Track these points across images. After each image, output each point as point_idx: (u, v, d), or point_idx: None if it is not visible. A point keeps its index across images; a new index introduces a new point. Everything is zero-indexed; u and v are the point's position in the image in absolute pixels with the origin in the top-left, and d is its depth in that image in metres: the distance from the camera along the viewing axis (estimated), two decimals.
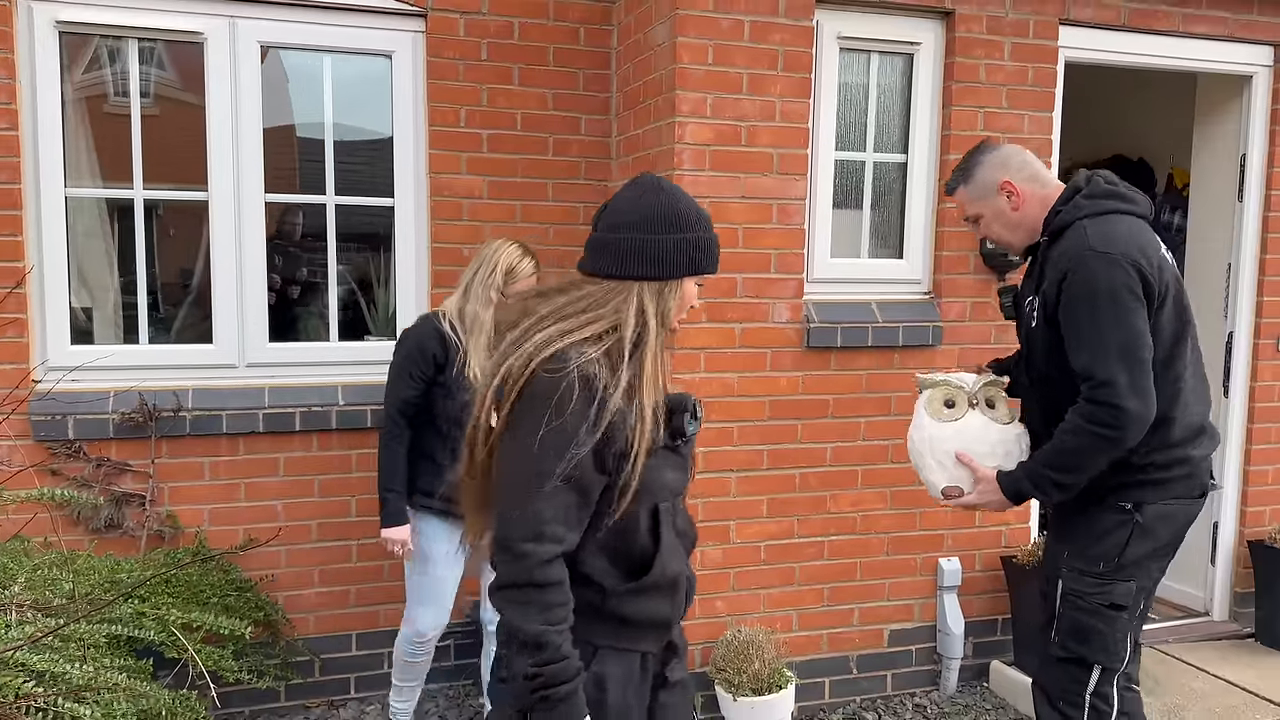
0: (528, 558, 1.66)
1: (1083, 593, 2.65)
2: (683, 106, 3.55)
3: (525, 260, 3.27)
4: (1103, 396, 2.45)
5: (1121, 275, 2.48)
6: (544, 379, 1.68)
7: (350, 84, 4.04)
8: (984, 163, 2.73)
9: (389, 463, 3.27)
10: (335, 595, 4.08)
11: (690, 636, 3.73)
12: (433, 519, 3.33)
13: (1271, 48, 4.24)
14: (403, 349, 3.29)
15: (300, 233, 4.14)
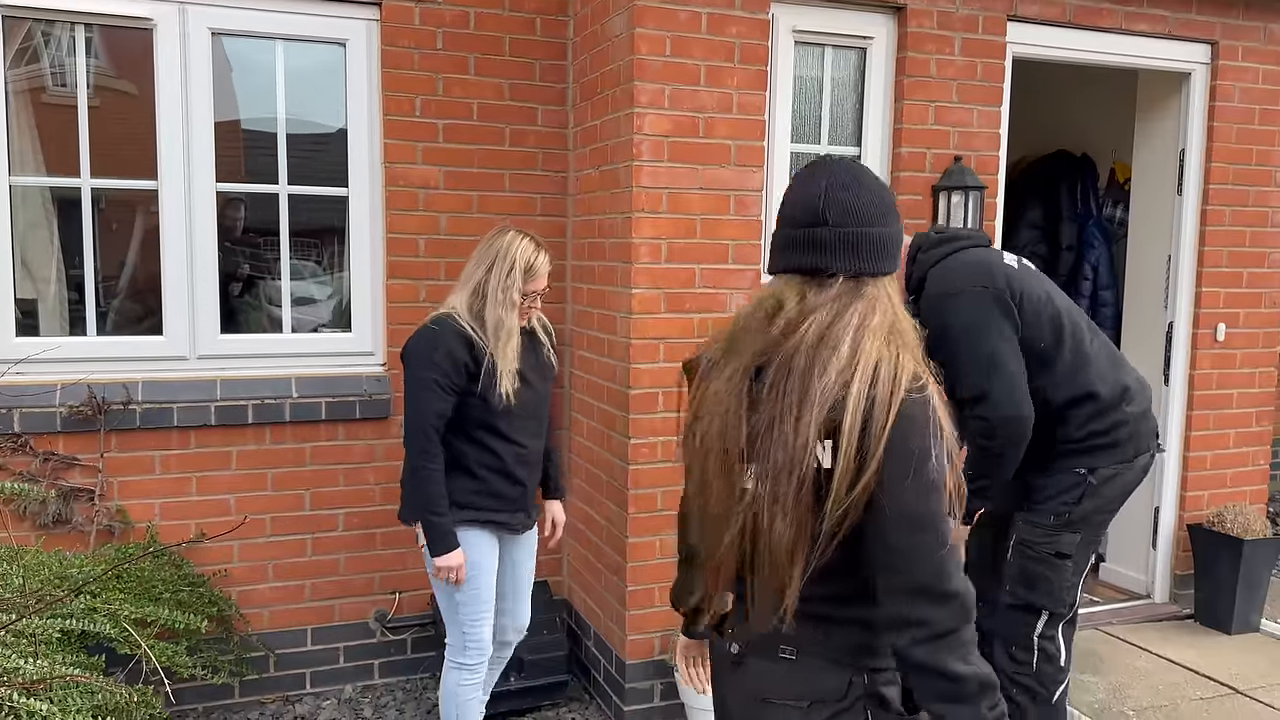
0: (964, 595, 1.52)
1: (1032, 542, 2.99)
2: (641, 98, 3.56)
3: (541, 255, 3.05)
4: (976, 412, 2.82)
5: (968, 307, 2.85)
6: (914, 403, 1.52)
7: (304, 75, 3.99)
8: None
9: (429, 486, 2.92)
10: (290, 590, 4.04)
11: (650, 624, 3.77)
12: (473, 531, 3.05)
13: (1209, 45, 4.37)
14: (426, 358, 2.91)
15: (243, 227, 4.08)
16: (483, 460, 3.02)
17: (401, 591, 4.16)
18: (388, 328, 4.06)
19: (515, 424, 3.04)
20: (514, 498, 3.09)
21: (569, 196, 4.26)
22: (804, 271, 1.61)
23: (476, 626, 3.09)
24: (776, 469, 1.53)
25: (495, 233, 3.08)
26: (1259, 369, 4.62)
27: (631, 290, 3.62)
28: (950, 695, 1.52)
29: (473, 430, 2.99)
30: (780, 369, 1.56)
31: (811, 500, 1.53)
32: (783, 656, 1.67)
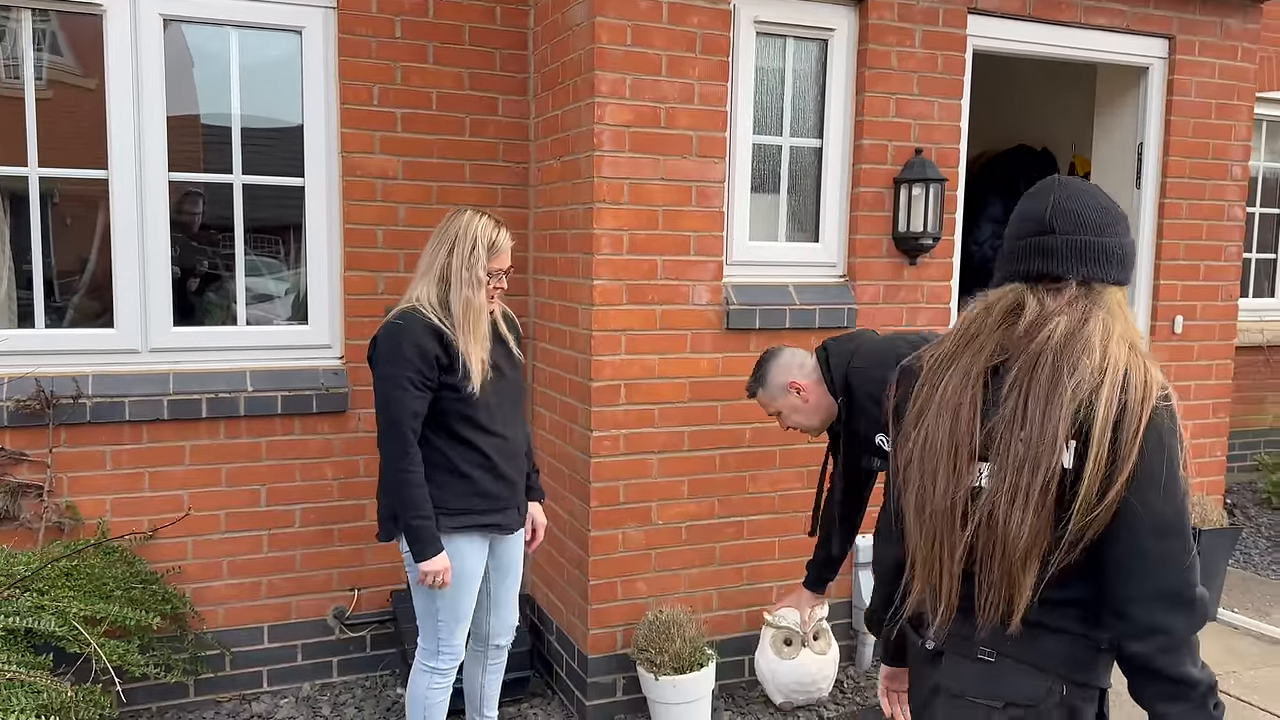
0: (1202, 601, 1.56)
1: None
2: (602, 87, 3.53)
3: (502, 231, 2.93)
4: None
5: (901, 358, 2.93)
6: (1164, 411, 1.54)
7: (261, 65, 3.92)
8: (771, 369, 3.23)
9: (410, 488, 2.78)
10: (245, 587, 3.97)
11: (612, 618, 3.75)
12: (460, 536, 2.91)
13: (1166, 40, 4.41)
14: (395, 355, 2.78)
15: (200, 221, 4.00)
16: (467, 457, 2.88)
17: (360, 588, 4.11)
18: (345, 320, 4.00)
19: (495, 414, 2.93)
20: (504, 495, 2.97)
21: (530, 188, 4.22)
22: (1031, 278, 1.66)
23: (452, 634, 2.99)
24: (1019, 466, 1.54)
25: (451, 215, 2.96)
26: (1216, 361, 4.67)
27: (593, 282, 3.59)
28: (1181, 697, 1.55)
29: (454, 426, 2.86)
30: (1025, 368, 1.58)
31: (1054, 502, 1.53)
32: (981, 659, 1.68)
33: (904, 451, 1.73)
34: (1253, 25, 4.54)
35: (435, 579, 2.84)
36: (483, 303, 2.88)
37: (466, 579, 2.95)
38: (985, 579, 1.60)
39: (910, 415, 1.73)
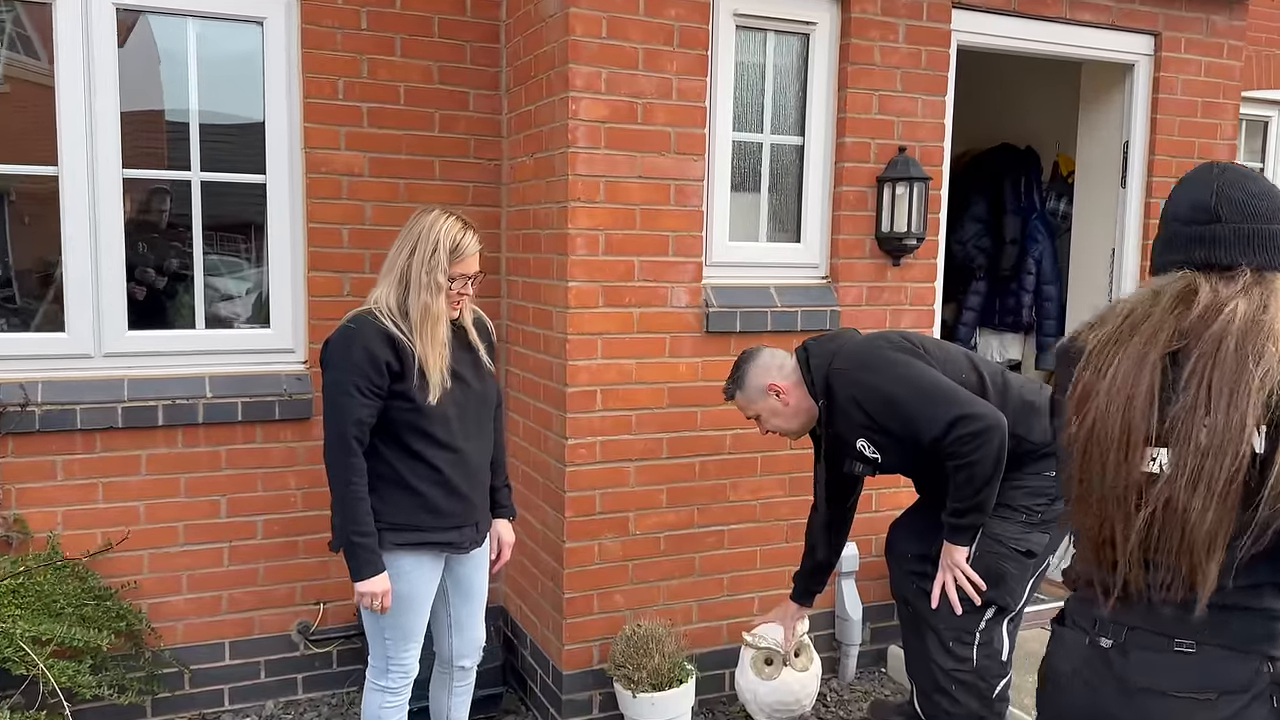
0: None
1: (1005, 537, 2.92)
2: (576, 81, 3.40)
3: (468, 234, 2.76)
4: (957, 435, 2.76)
5: (886, 367, 2.91)
6: None
7: (219, 58, 3.75)
8: (750, 371, 3.13)
9: (351, 502, 2.62)
10: (205, 601, 3.80)
11: (588, 632, 3.61)
12: (407, 556, 2.74)
13: (1152, 37, 4.33)
14: (343, 360, 2.63)
15: (166, 219, 3.84)
16: (417, 471, 2.71)
17: (326, 602, 3.95)
18: (309, 323, 3.84)
19: (453, 427, 2.75)
20: (457, 512, 2.79)
21: (503, 185, 4.08)
22: (1199, 266, 1.65)
23: (402, 651, 2.84)
24: (1202, 452, 1.52)
25: (417, 213, 2.79)
26: None
27: (568, 283, 3.45)
28: None
29: (405, 437, 2.70)
30: (1206, 354, 1.56)
31: (1241, 488, 1.51)
32: (1179, 650, 1.62)
33: (1066, 435, 1.70)
34: (1238, 22, 4.47)
35: (373, 601, 2.67)
36: (442, 309, 2.71)
37: (408, 600, 2.77)
38: (1165, 565, 1.58)
39: (1072, 400, 1.70)
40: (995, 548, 2.93)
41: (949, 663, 2.97)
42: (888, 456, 3.01)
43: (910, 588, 3.16)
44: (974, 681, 2.97)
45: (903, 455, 2.99)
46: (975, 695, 2.97)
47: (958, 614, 2.94)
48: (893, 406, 2.88)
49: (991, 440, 2.76)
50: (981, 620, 2.94)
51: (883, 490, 4.00)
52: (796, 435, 3.22)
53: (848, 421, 2.99)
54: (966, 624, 2.95)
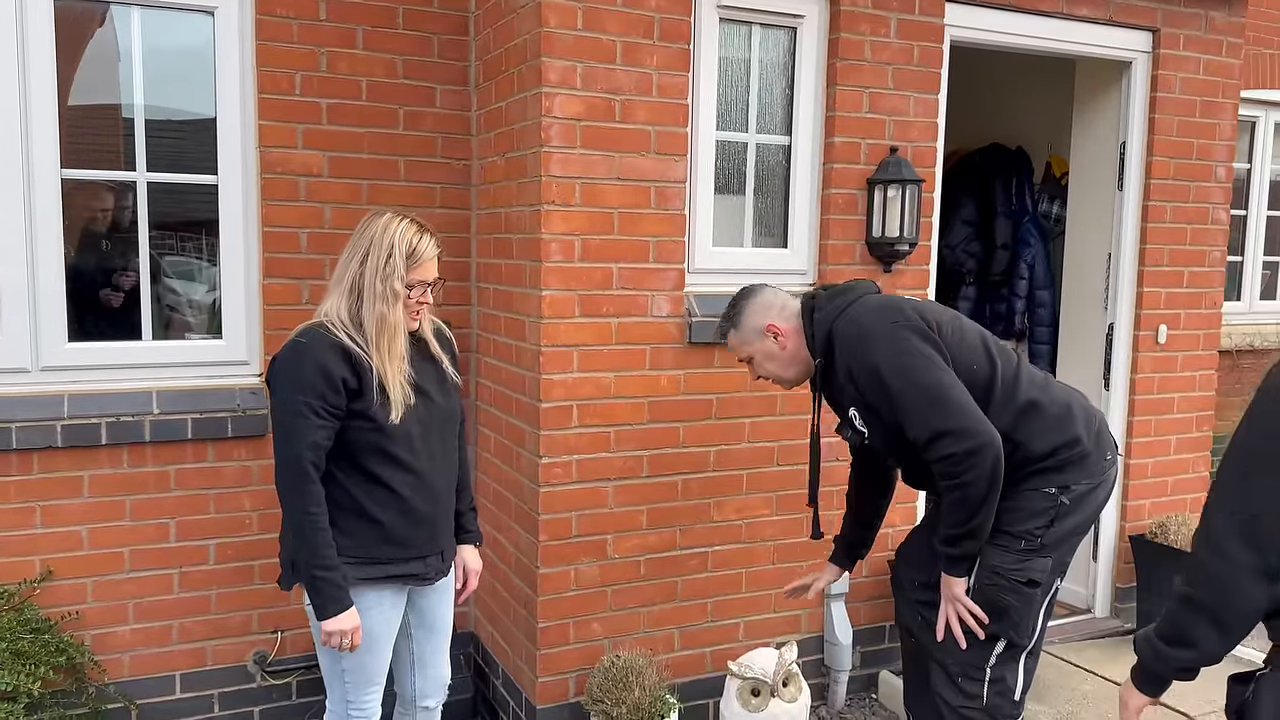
0: None
1: (1000, 568, 2.68)
2: (550, 75, 3.18)
3: (425, 238, 2.53)
4: (940, 452, 2.54)
5: (890, 348, 2.63)
6: None
7: (169, 51, 3.49)
8: (748, 308, 2.87)
9: (312, 534, 2.39)
10: (154, 631, 3.55)
11: (563, 664, 3.39)
12: (368, 591, 2.52)
13: (1150, 33, 4.16)
14: (294, 378, 2.40)
15: (114, 221, 3.59)
16: (376, 497, 2.49)
17: (284, 630, 3.70)
18: (264, 333, 3.60)
19: (416, 448, 2.53)
20: (420, 541, 2.57)
21: (472, 187, 3.85)
22: None
23: (363, 696, 2.61)
24: None
25: (367, 218, 2.56)
26: (1199, 371, 4.44)
27: (541, 292, 3.23)
28: None
29: (364, 461, 2.47)
30: None
31: None
32: None
33: None
34: (1237, 19, 4.31)
35: (342, 640, 2.44)
36: (400, 319, 2.48)
37: (374, 639, 2.55)
38: None
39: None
40: (993, 579, 2.69)
41: (957, 699, 2.75)
42: (874, 437, 2.77)
43: (915, 619, 2.96)
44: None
45: (887, 441, 2.76)
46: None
47: (964, 648, 2.74)
48: (884, 393, 2.63)
49: (984, 460, 2.53)
50: (992, 655, 2.72)
51: None
52: (790, 385, 2.95)
53: (840, 387, 2.77)
54: (976, 659, 2.73)
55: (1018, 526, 2.68)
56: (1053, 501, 2.68)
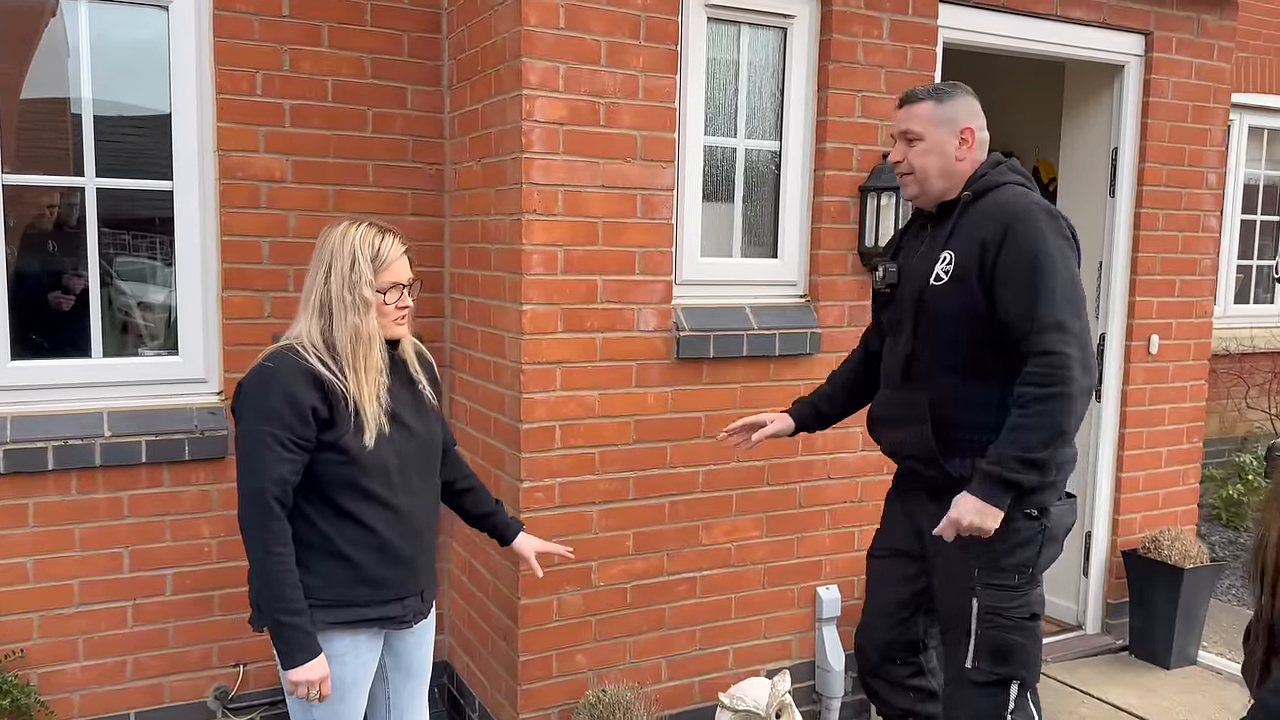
0: None
1: (1002, 608, 2.53)
2: (530, 77, 2.99)
3: (388, 239, 2.32)
4: (1058, 346, 2.34)
5: (1053, 228, 2.46)
6: None
7: (120, 49, 3.26)
8: (960, 98, 2.63)
9: (276, 575, 2.19)
10: (106, 668, 3.32)
11: (545, 699, 3.21)
12: (342, 636, 2.32)
13: (1143, 36, 4.06)
14: (260, 406, 2.21)
15: (57, 217, 3.35)
16: (350, 535, 2.28)
17: (246, 663, 3.49)
18: (223, 349, 3.38)
19: (393, 482, 2.32)
20: (397, 582, 2.36)
21: (446, 193, 3.65)
22: None
23: None
24: None
25: (324, 231, 2.35)
26: (1190, 382, 4.36)
27: (522, 306, 3.05)
28: None
29: (336, 496, 2.26)
30: None
31: None
32: None
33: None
34: (1229, 23, 4.23)
35: (309, 691, 2.23)
36: (374, 329, 2.28)
37: (347, 689, 2.35)
38: None
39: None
40: (996, 622, 2.53)
41: None
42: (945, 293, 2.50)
43: (907, 698, 2.82)
44: None
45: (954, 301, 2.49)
46: None
47: (978, 704, 2.56)
48: (1027, 260, 2.38)
49: (1086, 379, 2.33)
50: (1010, 701, 2.56)
51: (866, 527, 3.67)
52: (917, 192, 2.63)
53: (963, 232, 2.51)
54: (993, 710, 2.55)
55: (1009, 560, 2.53)
56: (1037, 528, 2.52)
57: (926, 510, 2.64)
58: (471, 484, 2.69)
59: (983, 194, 2.55)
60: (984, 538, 2.45)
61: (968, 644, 2.55)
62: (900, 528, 2.81)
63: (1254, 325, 6.86)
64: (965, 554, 2.54)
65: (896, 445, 2.71)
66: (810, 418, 2.96)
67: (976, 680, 2.56)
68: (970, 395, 2.52)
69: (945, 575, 2.63)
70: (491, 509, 2.71)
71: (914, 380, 2.62)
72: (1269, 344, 6.69)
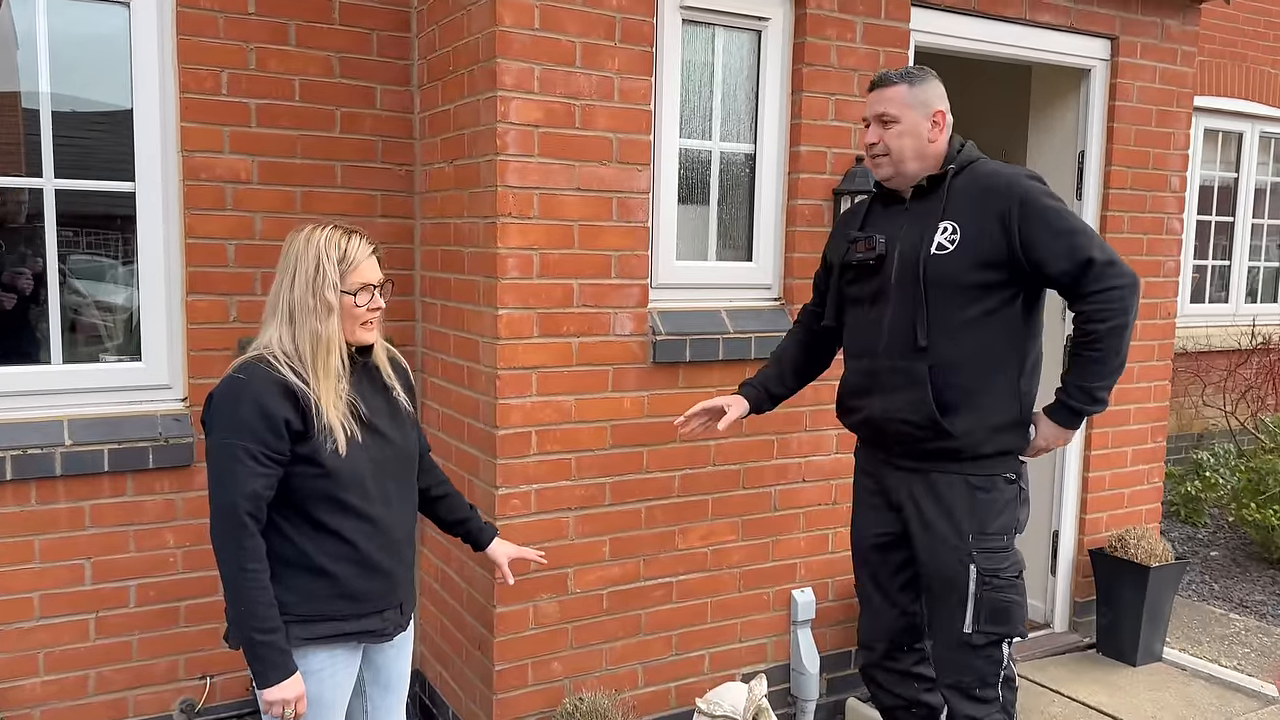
0: None
1: (997, 569, 2.63)
2: (505, 78, 2.95)
3: (354, 239, 2.27)
4: (1109, 281, 2.47)
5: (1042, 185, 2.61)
6: None
7: (81, 45, 3.17)
8: (930, 82, 2.71)
9: (250, 593, 2.13)
10: (68, 683, 3.24)
11: (521, 708, 3.18)
12: (320, 652, 2.26)
13: (1109, 41, 4.10)
14: (230, 419, 2.15)
15: (5, 213, 3.25)
16: (327, 549, 2.22)
17: (213, 675, 3.42)
18: (188, 354, 3.30)
19: (369, 491, 2.27)
20: (376, 595, 2.31)
21: (416, 195, 3.60)
22: None
23: None
24: None
25: (289, 237, 2.30)
26: (1154, 383, 4.42)
27: (497, 311, 3.01)
28: None
29: (311, 509, 2.21)
30: None
31: None
32: None
33: None
34: (1191, 27, 4.29)
35: (285, 710, 2.18)
36: (333, 334, 2.22)
37: (324, 705, 2.29)
38: None
39: None
40: (993, 582, 2.63)
41: (980, 710, 2.69)
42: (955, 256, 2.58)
43: (912, 687, 2.93)
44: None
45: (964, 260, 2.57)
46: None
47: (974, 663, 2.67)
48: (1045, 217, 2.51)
49: (1137, 297, 2.52)
50: (1004, 658, 2.68)
51: (840, 529, 3.67)
52: (892, 173, 2.71)
53: (955, 204, 2.62)
54: (990, 668, 2.67)
55: (995, 524, 2.64)
56: (1016, 490, 2.68)
57: (908, 485, 2.73)
58: (446, 490, 2.65)
59: (964, 167, 2.67)
60: None
61: (964, 610, 2.63)
62: (879, 514, 2.86)
63: (1210, 325, 6.99)
64: (953, 523, 2.64)
65: (888, 411, 2.72)
66: (764, 399, 2.99)
67: (976, 644, 2.64)
68: (965, 355, 2.62)
69: (933, 548, 2.69)
70: (466, 515, 2.68)
71: (908, 346, 2.67)
72: (1225, 342, 6.82)
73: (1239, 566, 5.59)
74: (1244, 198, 7.15)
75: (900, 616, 2.89)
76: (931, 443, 2.65)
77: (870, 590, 2.94)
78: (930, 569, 2.72)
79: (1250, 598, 5.11)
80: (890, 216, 2.79)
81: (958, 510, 2.64)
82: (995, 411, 2.63)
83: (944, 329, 2.63)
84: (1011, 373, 2.64)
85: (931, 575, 2.72)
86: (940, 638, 2.73)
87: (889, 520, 2.82)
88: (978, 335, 2.62)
